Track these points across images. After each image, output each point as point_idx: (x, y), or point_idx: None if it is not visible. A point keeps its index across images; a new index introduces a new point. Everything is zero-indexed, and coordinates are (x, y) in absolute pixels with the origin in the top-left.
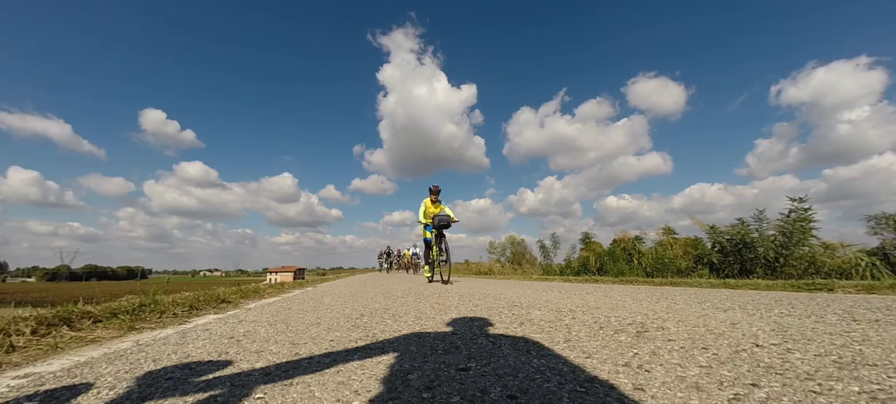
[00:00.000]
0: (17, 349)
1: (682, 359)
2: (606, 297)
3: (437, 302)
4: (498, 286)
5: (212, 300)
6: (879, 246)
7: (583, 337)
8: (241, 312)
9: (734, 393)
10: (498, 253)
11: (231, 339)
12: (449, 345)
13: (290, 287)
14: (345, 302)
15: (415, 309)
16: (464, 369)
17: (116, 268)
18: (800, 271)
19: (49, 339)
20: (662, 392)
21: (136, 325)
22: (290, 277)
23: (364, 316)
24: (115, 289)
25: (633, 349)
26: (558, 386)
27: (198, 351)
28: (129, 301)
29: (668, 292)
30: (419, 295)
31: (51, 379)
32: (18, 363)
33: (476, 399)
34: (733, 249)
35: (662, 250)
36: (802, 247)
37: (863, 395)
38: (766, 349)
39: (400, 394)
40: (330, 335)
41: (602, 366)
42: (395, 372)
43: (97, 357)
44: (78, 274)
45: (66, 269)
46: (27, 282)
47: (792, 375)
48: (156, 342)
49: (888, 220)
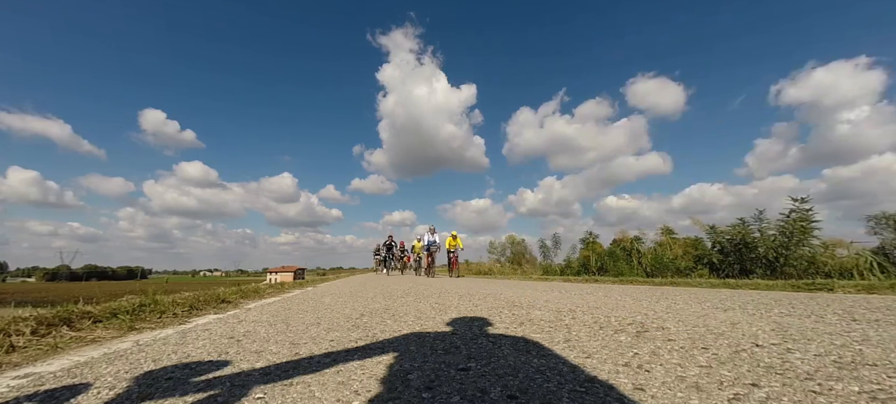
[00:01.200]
0: (17, 349)
1: (682, 359)
2: (606, 297)
3: (437, 302)
4: (498, 286)
5: (212, 300)
6: (879, 246)
7: (583, 337)
8: (241, 312)
9: (734, 393)
10: (498, 253)
11: (231, 339)
12: (449, 345)
13: (290, 287)
14: (345, 302)
15: (415, 309)
16: (464, 369)
17: (116, 268)
18: (800, 271)
19: (49, 339)
20: (662, 392)
21: (136, 325)
22: (289, 277)
23: (364, 316)
24: (115, 289)
25: (633, 349)
26: (558, 386)
27: (198, 352)
28: (129, 301)
29: (668, 292)
30: (419, 295)
31: (51, 379)
32: (18, 363)
33: (476, 399)
34: (733, 249)
35: (662, 250)
36: (803, 248)
37: (863, 395)
38: (766, 349)
39: (400, 394)
40: (330, 335)
41: (602, 366)
42: (395, 372)
43: (97, 357)
44: (78, 274)
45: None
46: (27, 282)
47: (792, 375)
48: (156, 342)
49: (888, 220)
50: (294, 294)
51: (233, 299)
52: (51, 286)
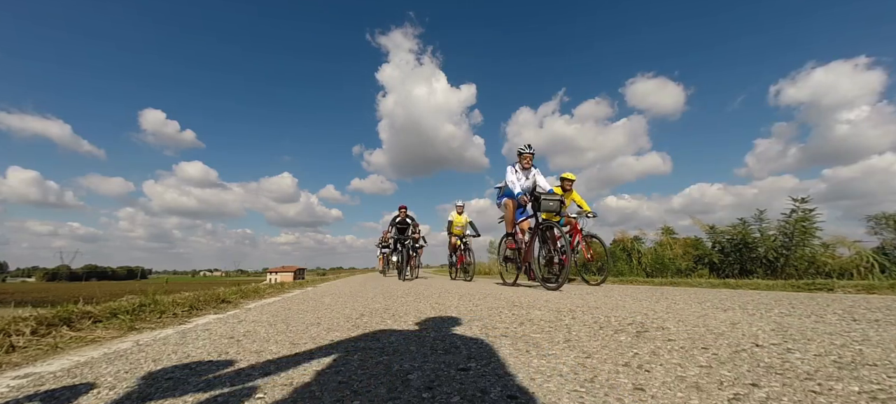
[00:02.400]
0: (17, 349)
1: (682, 359)
2: (606, 297)
3: (437, 302)
4: (498, 286)
5: (212, 300)
6: (879, 246)
7: (583, 336)
8: (241, 312)
9: (734, 393)
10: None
11: (231, 339)
12: (449, 345)
13: (290, 287)
14: (345, 302)
15: (415, 309)
16: (464, 369)
17: (116, 268)
18: (800, 271)
19: (49, 339)
20: (662, 392)
21: (136, 325)
22: (290, 277)
23: (364, 316)
24: (115, 289)
25: (633, 349)
26: (558, 386)
27: (198, 352)
28: (129, 301)
29: (668, 292)
30: (419, 295)
31: (51, 379)
32: (18, 363)
33: (476, 399)
34: (733, 249)
35: (662, 250)
36: (804, 248)
37: (863, 395)
38: (766, 349)
39: (400, 394)
40: (330, 335)
41: (602, 366)
42: (396, 372)
43: (97, 357)
44: (78, 274)
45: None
46: (27, 282)
47: (792, 375)
48: (156, 342)
49: (888, 220)
50: (294, 294)
51: (233, 299)
52: (51, 286)
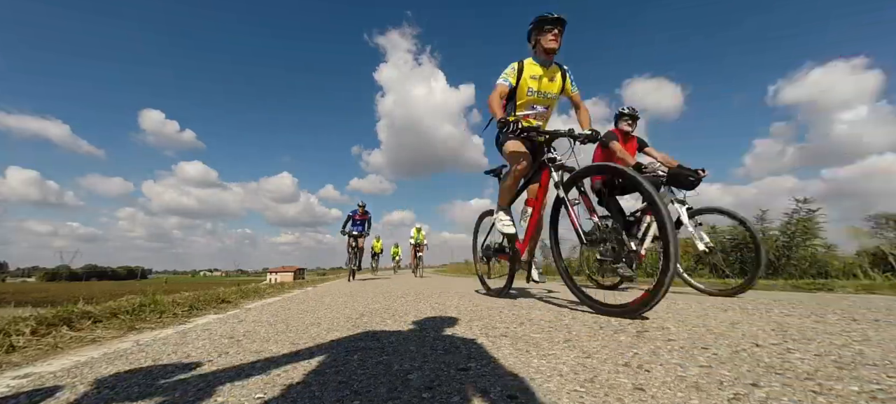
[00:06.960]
0: (17, 349)
1: (682, 359)
2: None
3: (437, 302)
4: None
5: (212, 300)
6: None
7: (583, 336)
8: (242, 312)
9: (734, 393)
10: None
11: (231, 339)
12: (449, 345)
13: (290, 287)
14: (345, 302)
15: (414, 309)
16: (464, 369)
17: (116, 268)
18: (801, 271)
19: (49, 339)
20: (662, 392)
21: (136, 325)
22: (290, 277)
23: (364, 316)
24: (115, 289)
25: (633, 349)
26: (558, 386)
27: (198, 351)
28: (129, 301)
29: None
30: (419, 294)
31: (51, 378)
32: (18, 363)
33: (476, 399)
34: (734, 249)
35: None
36: (805, 248)
37: (863, 395)
38: (766, 349)
39: (400, 394)
40: (330, 335)
41: (602, 366)
42: (396, 371)
43: (97, 357)
44: (78, 274)
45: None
46: (27, 282)
47: (792, 375)
48: (156, 342)
49: (888, 220)
50: (294, 294)
51: (233, 299)
52: (51, 286)
